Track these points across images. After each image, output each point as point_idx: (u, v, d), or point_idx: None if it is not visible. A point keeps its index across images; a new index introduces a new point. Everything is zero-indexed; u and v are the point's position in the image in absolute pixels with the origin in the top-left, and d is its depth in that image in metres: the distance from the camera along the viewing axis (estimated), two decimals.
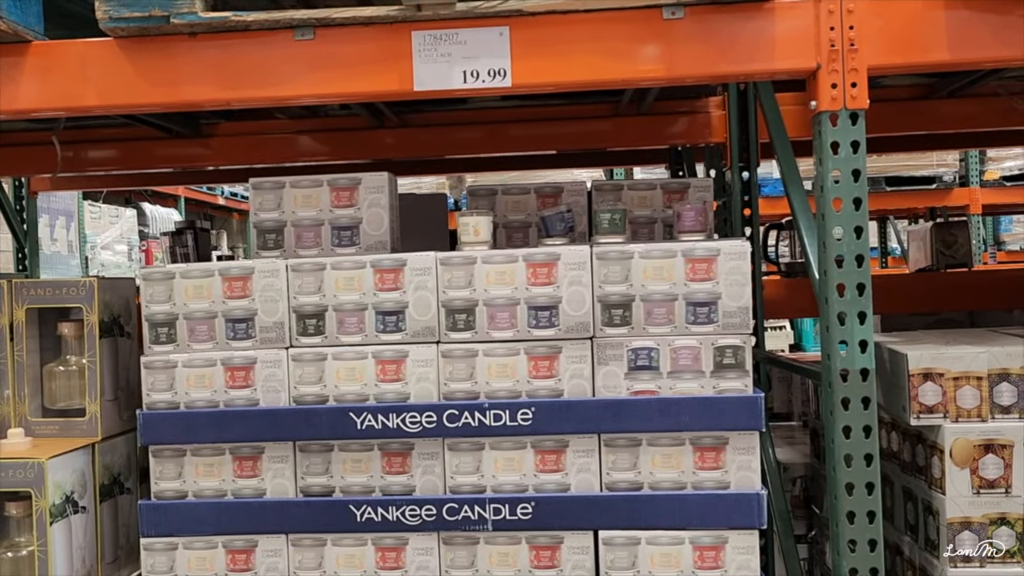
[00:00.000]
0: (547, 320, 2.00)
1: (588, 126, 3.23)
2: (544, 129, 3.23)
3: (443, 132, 3.21)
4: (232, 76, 2.00)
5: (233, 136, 3.10)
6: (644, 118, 3.14)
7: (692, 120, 3.08)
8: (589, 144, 3.34)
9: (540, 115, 3.16)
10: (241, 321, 2.07)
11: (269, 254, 2.18)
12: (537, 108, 3.09)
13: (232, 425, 2.04)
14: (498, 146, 3.30)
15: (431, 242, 2.05)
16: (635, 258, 1.99)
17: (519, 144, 3.30)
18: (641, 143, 3.32)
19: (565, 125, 3.22)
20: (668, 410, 1.96)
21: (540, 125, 3.21)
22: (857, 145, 1.93)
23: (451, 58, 1.97)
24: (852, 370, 1.93)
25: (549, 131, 3.24)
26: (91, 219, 7.73)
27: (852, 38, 1.92)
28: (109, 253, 7.97)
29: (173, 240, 4.04)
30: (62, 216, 7.32)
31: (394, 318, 2.04)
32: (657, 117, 3.13)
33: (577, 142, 3.30)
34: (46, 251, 7.15)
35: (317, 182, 2.19)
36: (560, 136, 3.27)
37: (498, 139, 3.26)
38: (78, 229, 7.55)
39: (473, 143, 3.29)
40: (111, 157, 3.35)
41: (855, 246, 1.93)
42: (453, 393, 2.02)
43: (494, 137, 3.25)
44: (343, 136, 3.17)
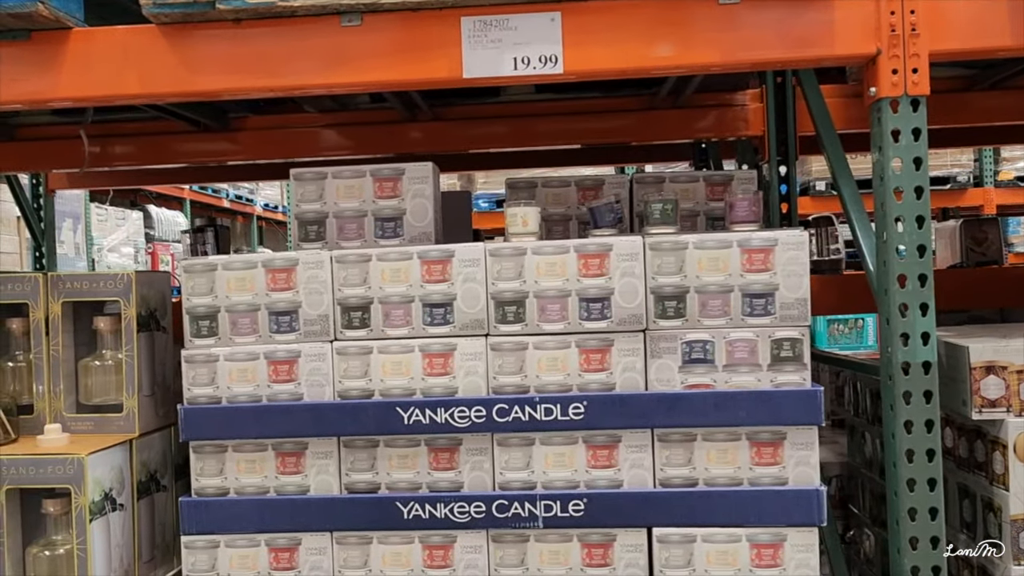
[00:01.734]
0: (599, 312, 1.96)
1: (615, 120, 3.18)
2: (571, 124, 3.19)
3: (472, 126, 3.17)
4: (277, 64, 1.96)
5: (261, 130, 3.06)
6: (673, 112, 3.10)
7: (724, 114, 3.04)
8: (615, 139, 3.29)
9: (569, 109, 3.12)
10: (285, 314, 2.02)
11: (311, 246, 2.13)
12: (569, 101, 3.05)
13: (275, 420, 1.99)
14: (524, 141, 3.25)
15: (458, 240, 2.01)
16: (689, 248, 1.95)
17: (545, 139, 3.25)
18: (668, 137, 3.28)
19: (592, 120, 3.17)
20: (724, 404, 1.91)
21: (567, 120, 3.16)
22: (919, 132, 1.89)
23: (501, 44, 1.93)
24: (914, 363, 1.88)
25: (576, 126, 3.19)
26: (98, 221, 7.72)
27: (913, 23, 1.88)
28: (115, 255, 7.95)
29: (194, 238, 4.00)
30: (69, 218, 7.31)
31: (442, 310, 1.99)
32: (687, 111, 3.09)
33: (603, 136, 3.25)
34: None
35: (359, 172, 2.14)
36: (587, 131, 3.22)
37: (525, 133, 3.21)
38: (85, 231, 7.54)
39: (500, 138, 3.24)
40: (134, 152, 3.30)
41: (917, 236, 1.89)
42: (502, 387, 1.97)
43: (521, 131, 3.20)
44: (367, 131, 3.13)
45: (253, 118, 3.03)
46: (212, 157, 3.23)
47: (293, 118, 3.04)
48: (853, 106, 2.83)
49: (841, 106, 2.81)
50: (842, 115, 2.79)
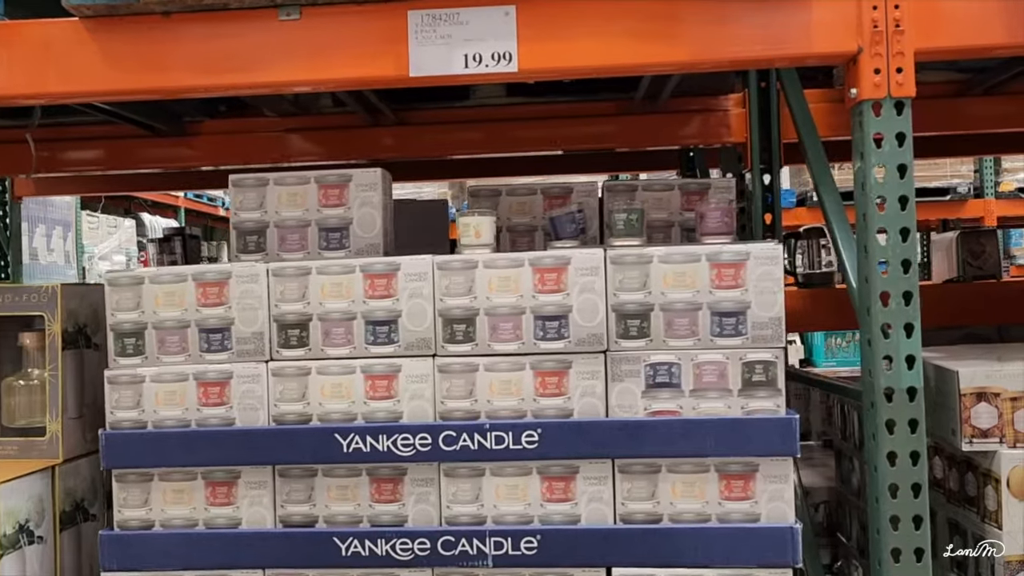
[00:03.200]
0: (555, 331, 1.80)
1: (595, 126, 3.03)
2: (548, 129, 3.03)
3: (443, 131, 3.02)
4: (210, 61, 1.81)
5: (218, 135, 2.91)
6: (655, 117, 2.95)
7: (708, 119, 2.89)
8: (596, 144, 3.14)
9: (545, 113, 2.96)
10: (216, 331, 1.86)
11: (249, 258, 1.97)
12: (543, 105, 2.90)
13: (204, 447, 1.84)
14: (500, 146, 3.10)
15: (431, 251, 1.85)
16: (654, 262, 1.79)
17: (522, 144, 3.10)
18: (651, 144, 3.13)
19: (570, 125, 3.02)
20: (691, 433, 1.75)
21: (544, 125, 3.01)
22: (903, 137, 1.74)
23: (451, 40, 1.78)
24: (898, 389, 1.73)
25: (554, 131, 3.04)
26: (89, 229, 7.64)
27: (897, 18, 1.72)
28: (107, 263, 7.86)
29: (161, 247, 3.85)
30: (59, 226, 7.23)
31: (386, 328, 1.83)
32: (669, 116, 2.94)
33: (583, 142, 3.10)
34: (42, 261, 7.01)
35: (303, 179, 1.99)
36: (565, 136, 3.07)
37: (500, 139, 3.06)
38: (75, 239, 7.46)
39: (474, 143, 3.09)
40: (91, 158, 3.16)
41: (901, 250, 1.73)
42: (450, 412, 1.81)
43: (496, 137, 3.05)
44: (338, 135, 2.98)
45: (209, 123, 2.89)
46: (170, 163, 3.08)
47: (252, 123, 2.89)
48: (841, 111, 2.66)
49: (828, 111, 2.66)
50: (829, 121, 2.64)
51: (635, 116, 2.95)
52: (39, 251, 7.05)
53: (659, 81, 2.52)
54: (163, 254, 3.87)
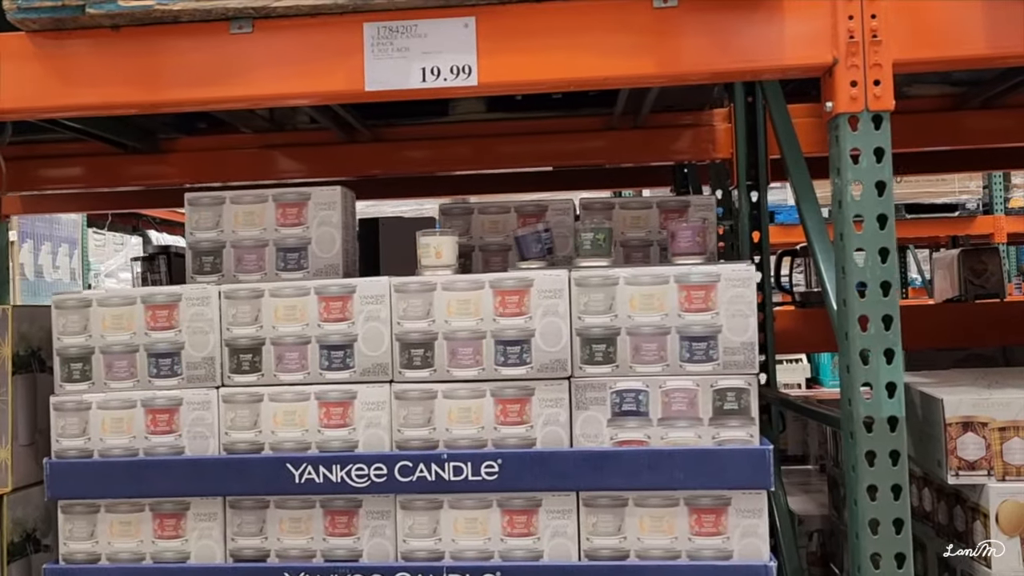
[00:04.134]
0: (517, 357, 1.71)
1: (580, 142, 2.95)
2: (533, 145, 2.96)
3: (428, 147, 2.94)
4: (159, 76, 1.75)
5: (195, 152, 2.86)
6: (641, 132, 2.87)
7: (694, 135, 2.81)
8: (583, 160, 3.06)
9: (530, 129, 2.89)
10: (165, 356, 1.79)
11: (205, 279, 1.90)
12: (527, 121, 2.83)
13: (152, 477, 1.76)
14: (487, 163, 3.03)
15: (416, 270, 1.78)
16: (620, 284, 1.70)
17: (509, 161, 3.03)
18: (637, 160, 3.04)
19: (555, 141, 2.94)
20: (659, 464, 1.66)
21: (529, 141, 2.93)
22: (881, 153, 1.65)
23: (408, 53, 1.71)
24: (878, 418, 1.63)
25: (539, 147, 2.96)
26: (95, 247, 7.67)
27: (874, 28, 1.64)
28: (113, 281, 7.87)
29: (144, 266, 3.79)
30: (65, 244, 7.27)
31: (341, 353, 1.76)
32: (656, 131, 2.86)
33: (569, 158, 3.02)
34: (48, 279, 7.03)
35: (261, 197, 1.92)
36: (551, 153, 2.99)
37: (487, 155, 2.98)
38: (81, 257, 7.48)
39: (460, 159, 3.02)
40: (72, 175, 3.11)
41: (880, 271, 1.64)
42: (407, 442, 1.73)
43: (483, 153, 2.98)
44: (318, 152, 2.92)
45: (184, 140, 2.83)
46: (148, 180, 3.03)
47: (227, 139, 2.84)
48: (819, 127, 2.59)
49: (815, 126, 2.57)
50: (817, 137, 2.54)
51: (621, 131, 2.87)
52: (44, 268, 7.06)
53: (637, 95, 2.45)
54: (147, 273, 3.82)
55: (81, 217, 7.00)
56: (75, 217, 7.13)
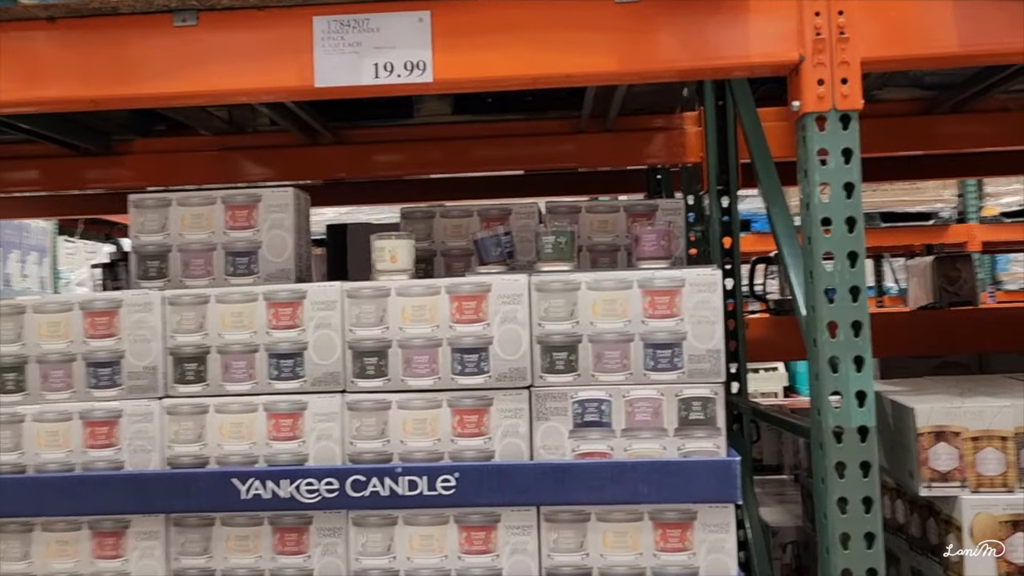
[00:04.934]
0: (475, 365, 1.64)
1: (550, 145, 2.88)
2: (501, 149, 2.88)
3: (393, 150, 2.86)
4: (100, 70, 1.67)
5: (151, 154, 2.76)
6: (610, 135, 2.80)
7: (664, 138, 2.75)
8: (552, 164, 2.99)
9: (497, 131, 2.82)
10: (105, 365, 1.70)
11: (150, 285, 1.82)
12: (495, 124, 2.76)
13: (90, 494, 1.67)
14: (455, 166, 2.95)
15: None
16: (582, 289, 1.64)
17: (477, 165, 2.95)
18: (609, 163, 2.97)
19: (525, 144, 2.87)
20: (622, 477, 1.59)
21: (497, 144, 2.86)
22: (849, 153, 1.60)
23: (360, 48, 1.64)
24: (848, 428, 1.57)
25: (507, 151, 2.89)
26: (66, 255, 7.52)
27: (841, 25, 1.59)
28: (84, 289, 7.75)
29: (106, 273, 3.69)
30: (34, 251, 7.12)
31: (291, 362, 1.68)
32: (625, 134, 2.79)
33: (539, 162, 2.95)
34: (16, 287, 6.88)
35: (209, 199, 1.84)
36: (519, 156, 2.92)
37: (455, 159, 2.90)
38: (51, 264, 7.34)
39: (427, 163, 2.94)
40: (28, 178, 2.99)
41: (849, 276, 1.58)
42: (360, 455, 1.65)
43: (451, 156, 2.90)
44: (280, 155, 2.82)
45: (140, 142, 2.74)
46: (106, 183, 2.92)
47: (185, 141, 2.74)
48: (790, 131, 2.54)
49: (786, 130, 2.52)
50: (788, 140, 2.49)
51: (589, 134, 2.80)
52: (12, 277, 6.91)
53: (604, 97, 2.39)
54: (108, 280, 3.71)
55: (51, 225, 6.87)
56: (45, 224, 6.99)
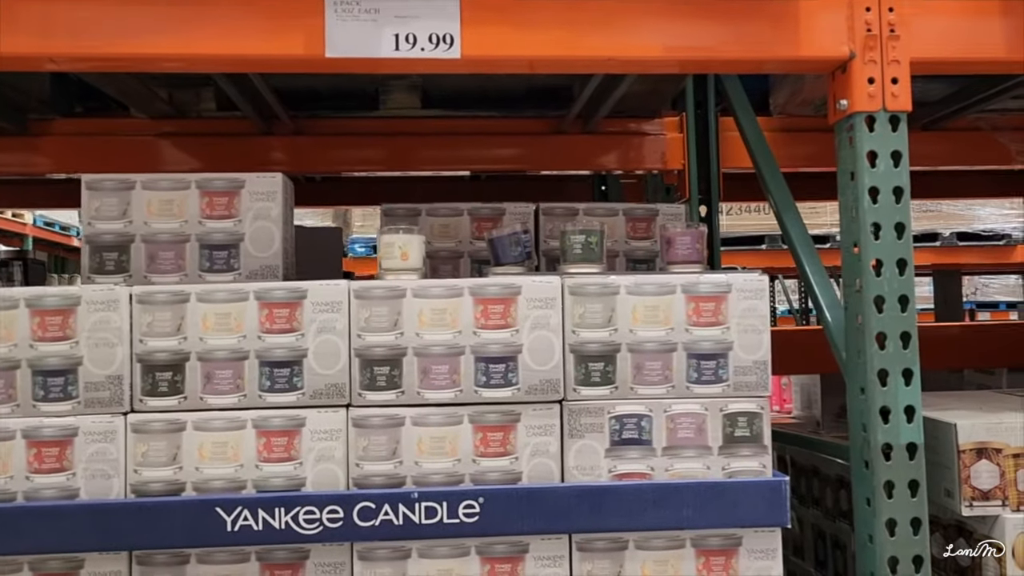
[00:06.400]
0: (501, 376, 1.47)
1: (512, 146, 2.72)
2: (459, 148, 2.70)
3: (344, 144, 2.63)
4: (72, 24, 1.41)
5: (73, 136, 2.43)
6: (581, 138, 2.66)
7: (640, 143, 2.63)
8: (510, 166, 2.82)
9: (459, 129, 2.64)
10: (57, 374, 1.42)
11: (107, 280, 1.55)
12: (461, 120, 2.58)
13: (35, 528, 1.38)
14: (402, 164, 2.73)
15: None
16: (621, 294, 1.49)
17: (427, 164, 2.74)
18: (574, 167, 2.83)
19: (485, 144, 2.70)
20: (664, 500, 1.45)
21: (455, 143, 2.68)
22: (899, 156, 1.53)
23: (379, 16, 1.45)
24: (896, 445, 1.49)
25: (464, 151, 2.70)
26: None
27: (892, 22, 1.53)
28: None
29: None
30: None
31: (286, 371, 1.45)
32: (597, 137, 2.65)
33: (496, 164, 2.77)
34: None
35: (182, 183, 1.59)
36: (477, 157, 2.74)
37: (404, 157, 2.69)
38: None
39: (374, 160, 2.71)
40: None
41: (898, 284, 1.51)
42: (368, 478, 1.44)
43: (399, 154, 2.68)
44: (221, 144, 2.54)
45: (60, 122, 2.40)
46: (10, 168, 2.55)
47: (116, 123, 2.43)
48: (782, 143, 2.49)
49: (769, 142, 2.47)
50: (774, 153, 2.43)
51: (560, 137, 2.66)
52: None
53: (598, 97, 2.26)
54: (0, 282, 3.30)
55: None
56: None
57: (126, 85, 2.19)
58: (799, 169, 2.64)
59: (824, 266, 1.84)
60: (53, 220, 7.89)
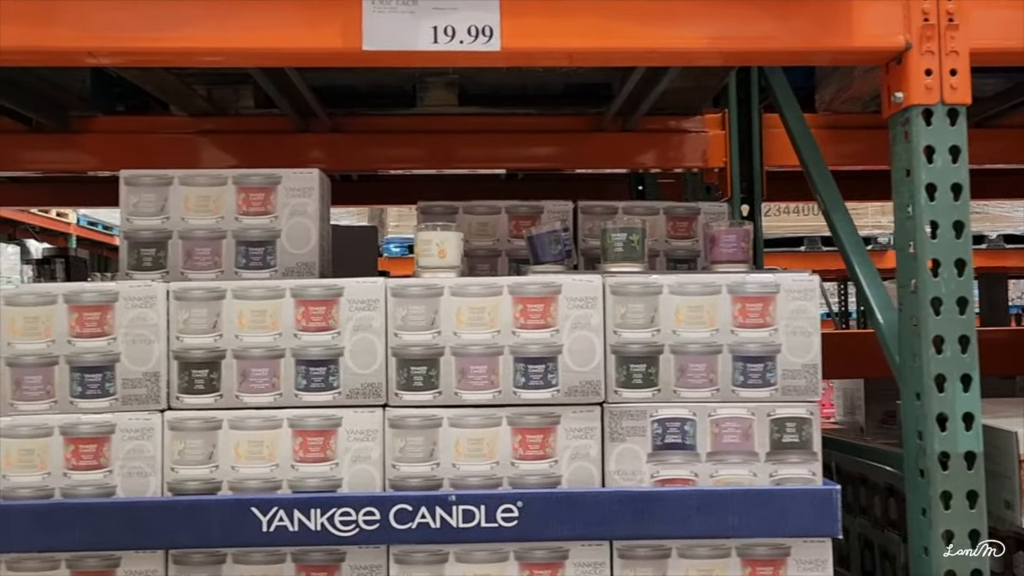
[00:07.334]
0: (540, 377, 1.43)
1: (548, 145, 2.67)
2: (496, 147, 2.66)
3: (381, 142, 2.61)
4: (111, 18, 1.40)
5: (113, 134, 2.44)
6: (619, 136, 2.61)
7: (692, 140, 2.58)
8: (547, 165, 2.78)
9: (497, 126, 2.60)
10: (95, 370, 1.42)
11: (145, 276, 1.54)
12: (499, 117, 2.55)
13: (72, 525, 1.38)
14: (441, 163, 2.71)
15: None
16: (664, 293, 1.45)
17: (464, 162, 2.72)
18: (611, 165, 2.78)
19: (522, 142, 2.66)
20: (709, 507, 1.40)
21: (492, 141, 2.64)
22: (957, 152, 1.47)
23: (416, 8, 1.42)
24: (954, 454, 1.43)
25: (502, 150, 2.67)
26: None
27: (951, 11, 1.46)
28: None
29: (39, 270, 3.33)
30: None
31: (322, 370, 1.43)
32: (636, 135, 2.61)
33: (532, 162, 2.74)
34: None
35: (218, 179, 1.58)
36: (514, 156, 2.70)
37: (442, 155, 2.66)
38: None
39: (411, 159, 2.69)
40: None
41: (956, 286, 1.45)
42: (405, 480, 1.42)
43: (437, 153, 2.66)
44: (259, 141, 2.53)
45: (102, 119, 2.42)
46: (54, 166, 2.58)
47: (156, 121, 2.44)
48: (828, 140, 2.42)
49: None
50: None
51: (598, 135, 2.61)
52: None
53: (639, 93, 2.21)
54: (41, 278, 3.35)
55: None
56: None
57: (165, 82, 2.19)
58: (845, 168, 2.56)
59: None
60: (96, 219, 8.02)
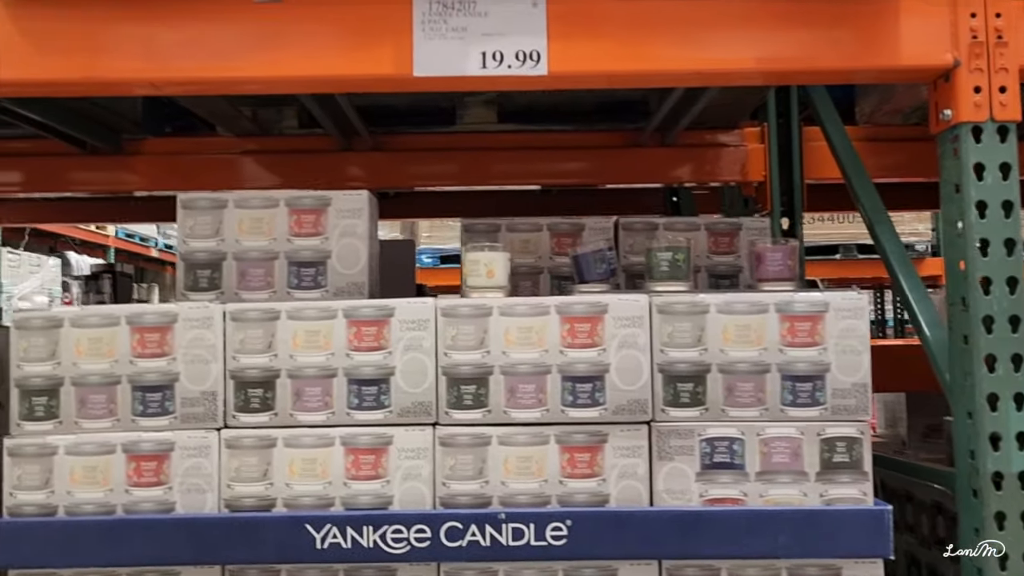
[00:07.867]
0: (588, 396, 1.44)
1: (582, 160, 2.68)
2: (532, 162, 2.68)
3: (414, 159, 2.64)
4: (166, 48, 1.45)
5: (162, 156, 2.51)
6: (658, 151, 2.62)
7: (732, 155, 2.58)
8: (582, 180, 2.80)
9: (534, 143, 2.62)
10: (155, 389, 1.46)
11: (201, 297, 1.58)
12: (536, 134, 2.57)
13: (134, 541, 1.42)
14: (475, 179, 2.73)
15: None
16: (711, 312, 1.46)
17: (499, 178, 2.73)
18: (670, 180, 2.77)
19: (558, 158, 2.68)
20: (759, 527, 1.40)
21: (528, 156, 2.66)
22: (1008, 169, 1.46)
23: (466, 34, 1.45)
24: (1008, 473, 1.42)
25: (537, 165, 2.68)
26: (9, 267, 7.06)
27: (999, 28, 1.46)
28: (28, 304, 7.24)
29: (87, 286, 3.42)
30: None
31: (374, 389, 1.46)
32: (674, 150, 2.62)
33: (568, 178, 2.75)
34: None
35: (271, 201, 1.61)
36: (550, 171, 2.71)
37: (479, 172, 2.69)
38: None
39: (447, 175, 2.72)
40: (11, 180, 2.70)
41: (1009, 304, 1.44)
42: (455, 497, 1.44)
43: (474, 169, 2.68)
44: (300, 161, 2.59)
45: (151, 141, 2.48)
46: (104, 187, 2.65)
47: (202, 143, 2.50)
48: (868, 152, 2.41)
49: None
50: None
51: (650, 149, 2.61)
52: None
53: (678, 109, 2.22)
54: (89, 293, 3.43)
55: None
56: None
57: (215, 105, 2.25)
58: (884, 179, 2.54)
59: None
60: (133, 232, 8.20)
